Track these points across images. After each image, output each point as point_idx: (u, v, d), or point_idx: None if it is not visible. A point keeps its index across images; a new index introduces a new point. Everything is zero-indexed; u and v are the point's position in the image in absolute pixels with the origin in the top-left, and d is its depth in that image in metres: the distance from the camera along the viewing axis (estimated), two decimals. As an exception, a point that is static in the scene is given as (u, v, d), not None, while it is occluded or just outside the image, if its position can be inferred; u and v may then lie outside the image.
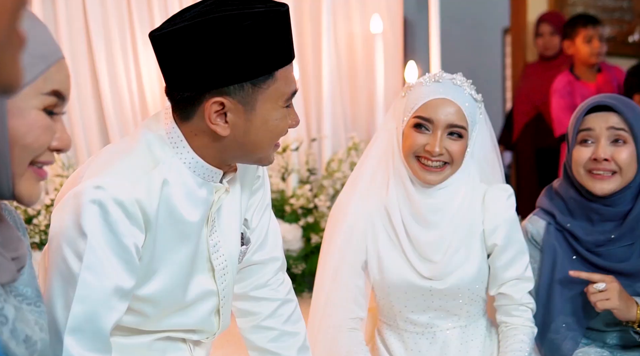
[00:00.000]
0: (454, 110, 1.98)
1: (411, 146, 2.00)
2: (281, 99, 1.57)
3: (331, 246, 2.10)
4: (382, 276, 2.07)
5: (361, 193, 2.09)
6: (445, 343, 2.10)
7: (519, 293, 2.05)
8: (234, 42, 1.49)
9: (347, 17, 4.09)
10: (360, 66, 4.10)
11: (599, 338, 2.25)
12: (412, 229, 2.04)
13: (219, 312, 1.74)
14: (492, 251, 2.06)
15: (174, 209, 1.58)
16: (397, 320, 2.11)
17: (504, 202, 2.07)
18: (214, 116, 1.54)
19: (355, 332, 2.07)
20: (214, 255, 1.68)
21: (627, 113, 2.12)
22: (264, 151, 1.61)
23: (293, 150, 3.67)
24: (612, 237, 2.16)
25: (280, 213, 3.56)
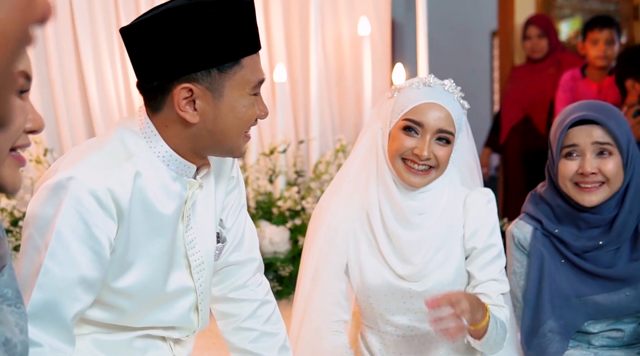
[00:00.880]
0: (444, 115, 1.98)
1: (399, 149, 1.99)
2: (248, 86, 1.60)
3: (312, 248, 2.10)
4: (361, 279, 2.06)
5: (343, 195, 2.09)
6: (425, 345, 2.10)
7: (496, 293, 2.03)
8: (199, 30, 1.54)
9: (335, 20, 4.10)
10: (348, 68, 4.10)
11: (584, 340, 2.26)
12: (393, 229, 2.03)
13: (197, 309, 1.74)
14: (471, 254, 2.05)
15: (147, 201, 1.60)
16: (378, 322, 2.11)
17: (485, 205, 2.07)
18: (183, 103, 1.57)
19: (339, 335, 2.06)
20: (190, 251, 1.70)
21: (610, 124, 2.11)
22: (233, 140, 1.63)
23: (281, 152, 3.67)
24: (600, 243, 2.17)
25: (268, 215, 3.56)
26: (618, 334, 2.23)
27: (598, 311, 2.19)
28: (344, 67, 4.11)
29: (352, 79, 4.09)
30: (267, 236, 3.47)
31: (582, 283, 2.19)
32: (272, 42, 3.97)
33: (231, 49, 1.57)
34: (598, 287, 2.18)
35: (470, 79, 8.05)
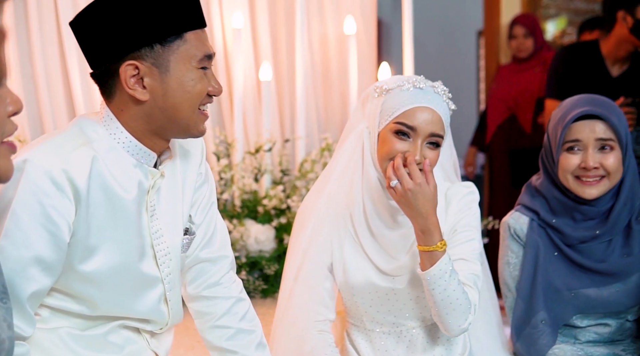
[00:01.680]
0: (436, 119, 1.96)
1: (390, 152, 1.98)
2: (194, 59, 1.63)
3: (296, 248, 2.10)
4: (346, 278, 2.07)
5: (327, 195, 2.09)
6: (411, 341, 2.10)
7: (464, 271, 2.01)
8: (138, 6, 1.59)
9: (320, 18, 4.10)
10: (333, 67, 4.11)
11: (571, 334, 2.28)
12: (377, 229, 2.04)
13: (166, 300, 1.76)
14: (448, 238, 2.05)
15: (107, 185, 1.62)
16: (364, 320, 2.12)
17: (466, 196, 2.08)
18: (132, 82, 1.61)
19: (325, 334, 2.06)
20: (155, 241, 1.72)
21: (613, 120, 2.14)
22: (187, 116, 1.66)
23: (266, 151, 3.67)
24: (597, 233, 2.20)
25: (253, 213, 3.55)
26: (605, 329, 2.25)
27: (588, 305, 2.21)
28: (330, 66, 4.11)
29: (338, 77, 4.09)
30: (252, 235, 3.47)
31: (574, 277, 2.21)
32: (257, 40, 3.96)
33: (172, 23, 1.61)
34: (589, 281, 2.20)
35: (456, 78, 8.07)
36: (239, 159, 3.68)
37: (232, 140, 3.67)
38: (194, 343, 2.72)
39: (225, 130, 3.81)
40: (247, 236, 3.46)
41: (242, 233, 3.45)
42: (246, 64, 3.85)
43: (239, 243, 3.44)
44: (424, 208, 1.92)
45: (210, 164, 3.66)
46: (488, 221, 3.80)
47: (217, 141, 3.67)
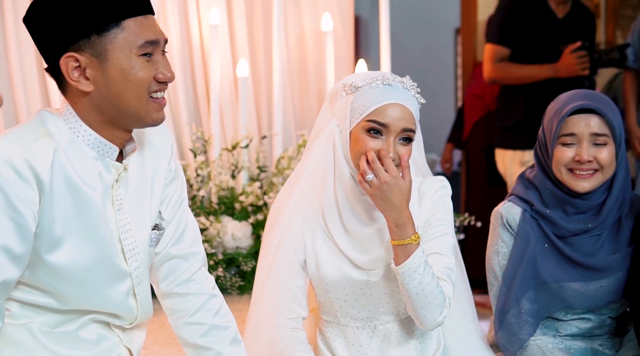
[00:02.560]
0: (407, 115, 1.99)
1: (363, 150, 1.99)
2: (133, 46, 1.63)
3: (269, 246, 2.11)
4: (319, 274, 2.08)
5: (299, 193, 2.09)
6: (385, 336, 2.11)
7: (438, 265, 2.02)
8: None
9: (298, 15, 4.10)
10: (311, 63, 4.11)
11: (553, 327, 2.31)
12: (351, 225, 2.05)
13: (135, 294, 1.76)
14: (422, 233, 2.06)
15: (69, 177, 1.63)
16: (338, 316, 2.13)
17: (439, 190, 2.10)
18: (76, 74, 1.62)
19: (297, 331, 2.07)
20: (123, 235, 1.72)
21: (608, 114, 2.17)
22: (135, 106, 1.65)
23: (243, 147, 3.67)
24: (589, 226, 2.23)
25: (230, 210, 3.55)
26: (586, 324, 2.28)
27: (573, 298, 2.24)
28: (307, 62, 4.12)
29: (315, 74, 4.09)
30: (229, 232, 3.47)
31: (562, 270, 2.24)
32: (234, 37, 3.96)
33: (106, 11, 1.60)
34: (576, 275, 2.23)
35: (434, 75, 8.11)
36: (216, 155, 3.68)
37: (208, 136, 3.67)
38: (170, 339, 2.71)
39: (202, 126, 3.80)
40: (223, 233, 3.46)
41: (218, 229, 3.45)
42: (223, 61, 3.85)
43: (216, 240, 3.44)
44: (398, 201, 1.93)
45: (187, 160, 3.66)
46: (464, 218, 3.81)
47: (194, 137, 3.66)
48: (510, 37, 3.71)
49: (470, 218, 3.78)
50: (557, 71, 3.67)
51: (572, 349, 2.28)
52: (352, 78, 2.05)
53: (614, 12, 5.61)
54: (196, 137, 3.66)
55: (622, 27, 5.63)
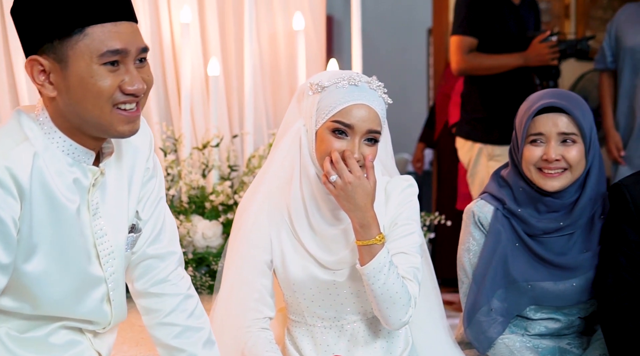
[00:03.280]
0: (373, 116, 1.99)
1: (329, 151, 1.99)
2: (94, 54, 1.55)
3: (234, 246, 2.10)
4: (286, 274, 2.07)
5: (265, 193, 2.09)
6: (352, 335, 2.11)
7: (404, 265, 2.03)
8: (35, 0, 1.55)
9: (270, 14, 4.09)
10: (282, 62, 4.11)
11: (522, 326, 2.32)
12: (318, 225, 2.04)
13: (109, 300, 1.73)
14: (388, 232, 2.07)
15: (46, 184, 1.59)
16: (305, 316, 2.12)
17: (406, 189, 2.11)
18: (42, 78, 1.58)
19: (265, 332, 2.07)
20: (98, 240, 1.68)
21: (576, 113, 2.18)
22: (96, 116, 1.58)
23: (214, 146, 3.65)
24: (561, 224, 2.24)
25: (201, 209, 3.53)
26: (555, 324, 2.30)
27: (543, 297, 2.25)
28: (279, 61, 4.11)
29: (287, 73, 4.09)
30: (199, 231, 3.45)
31: (532, 269, 2.25)
32: (206, 35, 3.94)
33: (69, 16, 1.54)
34: (547, 274, 2.25)
35: (406, 75, 8.15)
36: (186, 154, 3.66)
37: (179, 135, 3.65)
38: (139, 339, 2.70)
39: (173, 125, 3.78)
40: (194, 232, 3.44)
41: (189, 229, 3.43)
42: (194, 59, 3.83)
43: (186, 239, 3.42)
44: (363, 201, 1.93)
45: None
46: (435, 217, 3.83)
47: (164, 136, 3.64)
48: (475, 27, 3.74)
49: (440, 217, 3.79)
50: (527, 59, 3.71)
51: (539, 348, 2.29)
52: (319, 77, 2.05)
53: (584, 14, 5.67)
54: (166, 136, 3.64)
55: (592, 28, 5.69)
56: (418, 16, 7.95)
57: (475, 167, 3.87)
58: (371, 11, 7.67)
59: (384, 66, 7.86)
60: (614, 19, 4.24)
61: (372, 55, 7.23)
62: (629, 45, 4.09)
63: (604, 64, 4.22)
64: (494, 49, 3.75)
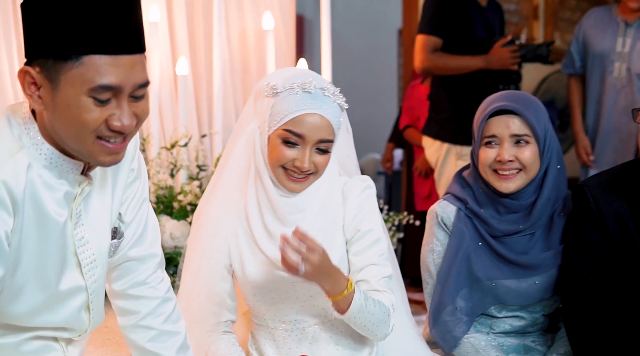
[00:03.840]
0: (324, 125, 1.96)
1: (279, 159, 1.98)
2: (85, 86, 1.46)
3: (193, 251, 2.09)
4: (245, 278, 2.06)
5: (220, 196, 2.07)
6: (314, 337, 2.10)
7: (376, 278, 2.04)
8: (43, 13, 1.47)
9: (239, 13, 4.09)
10: (252, 62, 4.10)
11: (487, 324, 2.34)
12: (273, 228, 2.03)
13: (89, 308, 1.70)
14: (351, 239, 2.07)
15: (37, 197, 1.55)
16: (267, 319, 2.11)
17: (362, 192, 2.09)
18: (32, 89, 1.51)
19: (228, 335, 2.06)
20: (79, 249, 1.64)
21: (528, 115, 2.20)
22: (77, 143, 1.52)
23: (182, 146, 3.64)
24: (520, 227, 2.27)
25: (169, 209, 3.52)
26: (519, 322, 2.32)
27: (507, 295, 2.27)
28: (248, 61, 4.10)
29: (256, 73, 4.08)
30: (167, 231, 3.44)
31: (495, 267, 2.27)
32: (174, 34, 3.93)
33: (67, 39, 1.45)
34: (509, 272, 2.27)
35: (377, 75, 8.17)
36: (155, 154, 3.64)
37: (147, 135, 3.63)
38: (105, 340, 2.68)
39: (141, 125, 3.76)
40: (162, 232, 3.42)
41: (157, 228, 3.42)
42: (163, 58, 3.81)
43: (154, 239, 3.41)
44: (327, 267, 1.91)
45: (125, 159, 3.60)
46: (404, 216, 3.85)
47: (132, 135, 3.62)
48: (442, 27, 3.78)
49: (409, 217, 3.81)
50: (489, 63, 3.76)
51: (504, 346, 2.31)
52: (275, 79, 2.01)
53: (552, 15, 5.72)
54: (135, 136, 3.62)
55: (561, 29, 5.74)
56: (389, 17, 7.98)
57: (444, 167, 3.90)
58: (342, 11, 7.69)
59: (354, 66, 7.89)
60: (581, 24, 4.28)
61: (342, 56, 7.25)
62: (597, 50, 4.15)
63: (573, 68, 4.27)
64: (458, 50, 3.79)
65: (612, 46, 4.12)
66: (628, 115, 2.18)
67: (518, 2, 5.63)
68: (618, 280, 2.20)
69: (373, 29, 8.26)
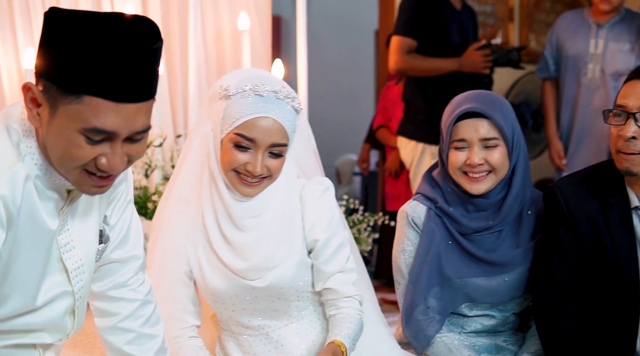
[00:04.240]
0: (277, 129, 1.93)
1: (231, 163, 1.95)
2: (80, 124, 1.43)
3: (153, 257, 2.07)
4: (205, 284, 2.04)
5: (176, 201, 2.04)
6: (279, 341, 2.08)
7: (344, 285, 2.05)
8: (60, 37, 1.42)
9: (215, 13, 4.08)
10: (227, 62, 4.10)
11: (458, 324, 2.34)
12: (229, 233, 2.01)
13: (74, 313, 1.68)
14: (314, 247, 2.05)
15: (32, 206, 1.52)
16: (230, 324, 2.10)
17: (321, 196, 2.06)
18: (31, 105, 1.47)
19: (194, 340, 2.05)
20: (65, 255, 1.62)
21: (497, 117, 2.21)
22: (65, 170, 1.49)
23: (157, 146, 3.62)
24: (490, 224, 2.28)
25: (143, 210, 3.50)
26: (490, 321, 2.33)
27: (477, 293, 2.28)
28: (224, 61, 4.10)
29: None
30: (142, 231, 3.42)
31: (465, 266, 2.28)
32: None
33: (73, 74, 1.41)
34: (479, 270, 2.28)
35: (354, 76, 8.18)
36: (129, 154, 3.62)
37: (122, 135, 3.61)
38: (77, 341, 2.67)
39: (115, 125, 3.75)
40: (136, 233, 3.42)
41: (131, 229, 3.40)
42: (137, 58, 3.79)
43: (128, 240, 3.39)
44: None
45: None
46: (379, 217, 3.86)
47: (107, 135, 3.60)
48: (417, 29, 3.81)
49: (384, 218, 3.82)
50: (462, 65, 3.81)
51: (476, 346, 2.32)
52: (228, 81, 1.98)
53: (528, 17, 5.76)
54: (109, 136, 3.60)
55: (536, 31, 5.78)
56: (365, 18, 7.98)
57: (419, 167, 3.92)
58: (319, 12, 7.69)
59: (331, 67, 7.90)
60: (554, 28, 4.33)
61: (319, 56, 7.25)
62: (570, 53, 4.18)
63: (547, 72, 4.30)
64: (433, 52, 3.83)
65: (585, 48, 4.16)
66: (602, 116, 2.20)
67: (494, 3, 5.66)
68: (589, 281, 2.22)
69: (350, 30, 8.27)
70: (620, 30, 4.14)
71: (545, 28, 5.61)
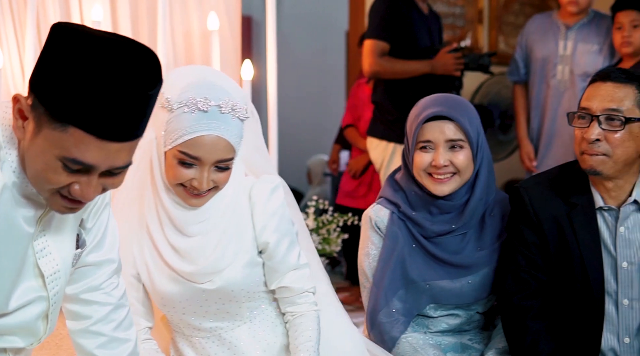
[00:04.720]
0: (222, 146, 1.86)
1: (176, 178, 1.90)
2: (60, 151, 1.41)
3: None
4: (153, 288, 2.02)
5: (120, 206, 2.00)
6: (232, 342, 2.07)
7: (299, 282, 2.05)
8: (58, 61, 1.39)
9: (184, 13, 4.06)
10: (197, 62, 4.07)
11: (424, 324, 2.36)
12: (174, 240, 1.98)
13: (47, 317, 1.66)
14: (266, 249, 2.03)
15: (9, 213, 1.50)
16: (181, 327, 2.08)
17: (269, 196, 2.03)
18: (18, 116, 1.45)
19: (149, 342, 2.04)
20: (41, 260, 1.60)
21: (462, 121, 2.23)
22: (37, 187, 1.48)
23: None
24: (453, 227, 2.30)
25: (112, 210, 3.48)
26: (455, 320, 2.35)
27: (441, 295, 2.30)
28: (193, 61, 4.07)
29: (201, 73, 4.06)
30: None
31: (429, 268, 2.29)
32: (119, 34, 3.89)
33: (61, 102, 1.39)
34: (443, 273, 2.30)
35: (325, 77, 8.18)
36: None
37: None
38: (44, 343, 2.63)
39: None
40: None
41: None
42: (106, 58, 3.77)
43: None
44: None
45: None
46: (349, 218, 3.87)
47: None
48: (388, 32, 3.86)
49: (354, 218, 3.83)
50: (434, 68, 3.87)
51: (442, 345, 2.34)
52: (170, 91, 1.87)
53: (497, 19, 5.80)
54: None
55: (505, 33, 5.83)
56: (336, 18, 7.99)
57: (389, 167, 3.94)
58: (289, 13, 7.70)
59: (302, 68, 7.90)
60: (523, 32, 4.38)
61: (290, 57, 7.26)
62: (539, 55, 4.23)
63: (518, 75, 4.35)
64: (403, 55, 3.88)
65: (554, 50, 4.21)
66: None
67: (463, 6, 5.70)
68: (555, 280, 2.24)
69: (320, 30, 8.27)
70: (588, 32, 4.20)
71: (514, 30, 5.65)
